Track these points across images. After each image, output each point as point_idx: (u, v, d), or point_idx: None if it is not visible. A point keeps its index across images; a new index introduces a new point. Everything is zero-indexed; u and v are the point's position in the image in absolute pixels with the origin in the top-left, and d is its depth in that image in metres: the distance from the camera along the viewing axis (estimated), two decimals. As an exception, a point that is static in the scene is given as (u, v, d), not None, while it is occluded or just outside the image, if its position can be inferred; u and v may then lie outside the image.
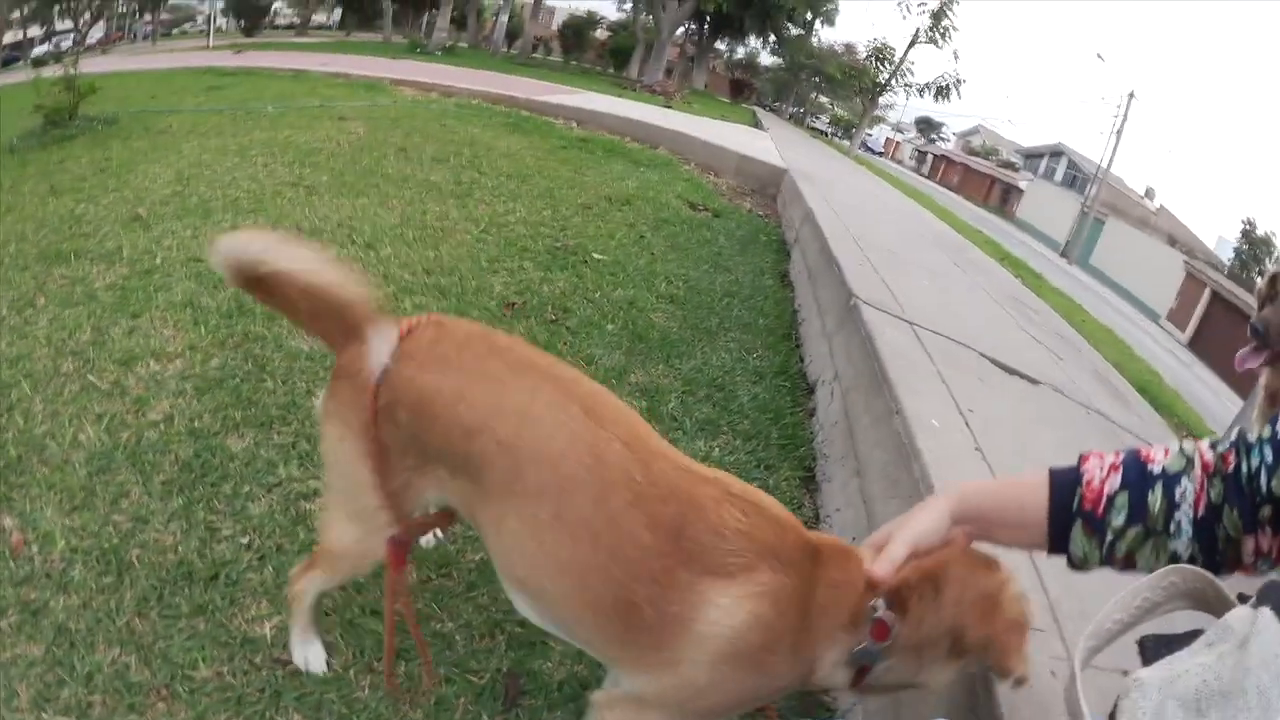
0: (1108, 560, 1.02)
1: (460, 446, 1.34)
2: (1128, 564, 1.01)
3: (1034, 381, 3.30)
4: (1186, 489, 0.96)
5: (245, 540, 2.02)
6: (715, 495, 1.25)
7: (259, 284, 1.43)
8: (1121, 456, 1.02)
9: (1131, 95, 34.59)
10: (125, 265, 3.52)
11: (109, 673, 1.64)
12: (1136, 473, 0.99)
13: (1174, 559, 0.97)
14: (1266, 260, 32.81)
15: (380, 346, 1.38)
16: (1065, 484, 1.02)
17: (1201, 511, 0.96)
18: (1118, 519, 0.98)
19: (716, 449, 2.80)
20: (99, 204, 4.42)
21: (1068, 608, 1.66)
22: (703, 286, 4.44)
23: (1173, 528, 0.96)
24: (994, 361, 3.32)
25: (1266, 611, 0.75)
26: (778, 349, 3.84)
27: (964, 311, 4.38)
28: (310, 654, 1.70)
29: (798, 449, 2.94)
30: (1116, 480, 1.00)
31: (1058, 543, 1.05)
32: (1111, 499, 0.99)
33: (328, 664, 1.72)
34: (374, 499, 1.42)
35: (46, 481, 2.15)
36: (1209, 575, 0.91)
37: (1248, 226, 34.94)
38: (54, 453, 2.26)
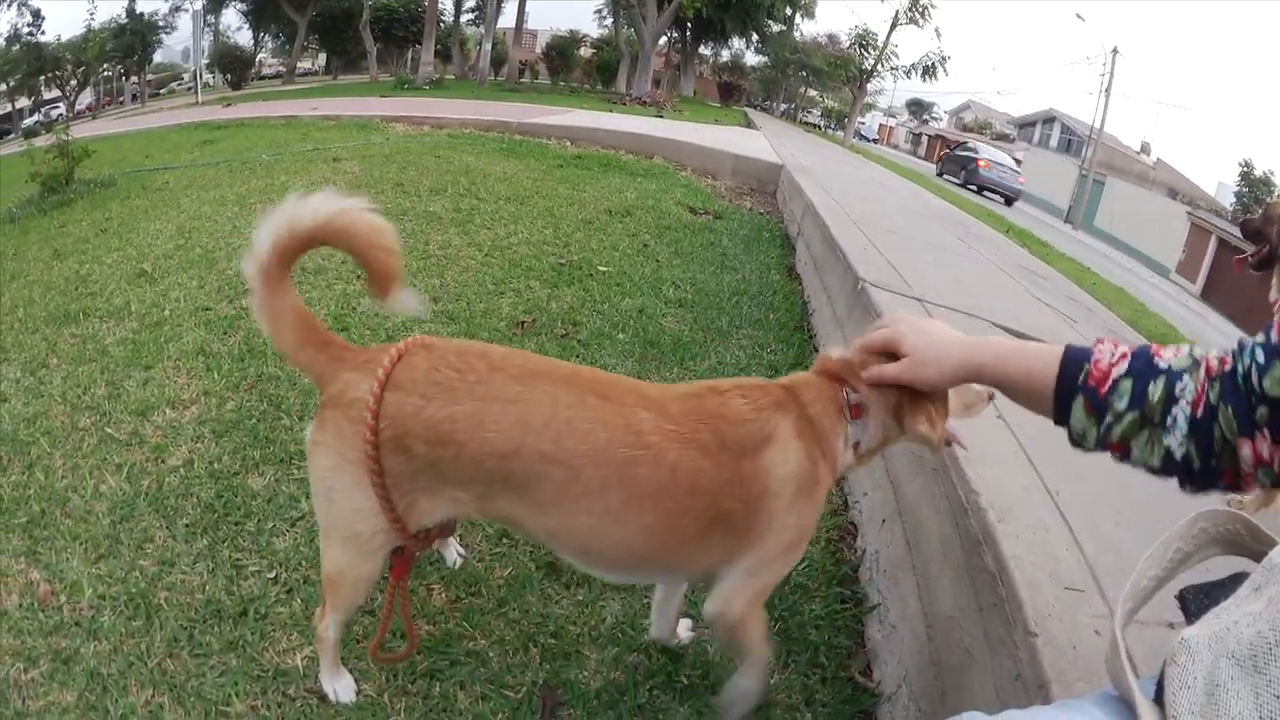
0: (1103, 441, 1.04)
1: (496, 468, 1.38)
2: (1122, 451, 1.02)
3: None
4: (1188, 386, 0.96)
5: (272, 575, 2.02)
6: (719, 401, 1.46)
7: (285, 267, 1.46)
8: (1132, 347, 1.04)
9: (1115, 52, 34.25)
10: (134, 320, 3.55)
11: (143, 714, 1.64)
12: (1143, 363, 1.01)
13: (1168, 456, 0.98)
14: (1269, 200, 32.45)
15: (370, 377, 1.39)
16: (1075, 360, 1.05)
17: (1200, 412, 0.95)
18: (1119, 403, 1.00)
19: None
20: (103, 263, 4.45)
21: (1106, 564, 1.63)
22: (710, 288, 4.43)
23: (1169, 421, 0.97)
24: (1007, 329, 3.29)
25: None
26: (791, 341, 3.83)
27: (972, 284, 4.35)
28: (339, 686, 1.71)
29: (819, 437, 2.91)
30: (1124, 367, 1.01)
31: (1062, 415, 1.07)
32: (1116, 382, 1.00)
33: (360, 691, 1.72)
34: (371, 524, 1.44)
35: (71, 533, 2.15)
36: (1240, 514, 0.88)
37: (1245, 168, 34.63)
38: (77, 505, 2.27)
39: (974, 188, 25.69)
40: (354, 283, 3.86)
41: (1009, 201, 25.86)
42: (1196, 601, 0.86)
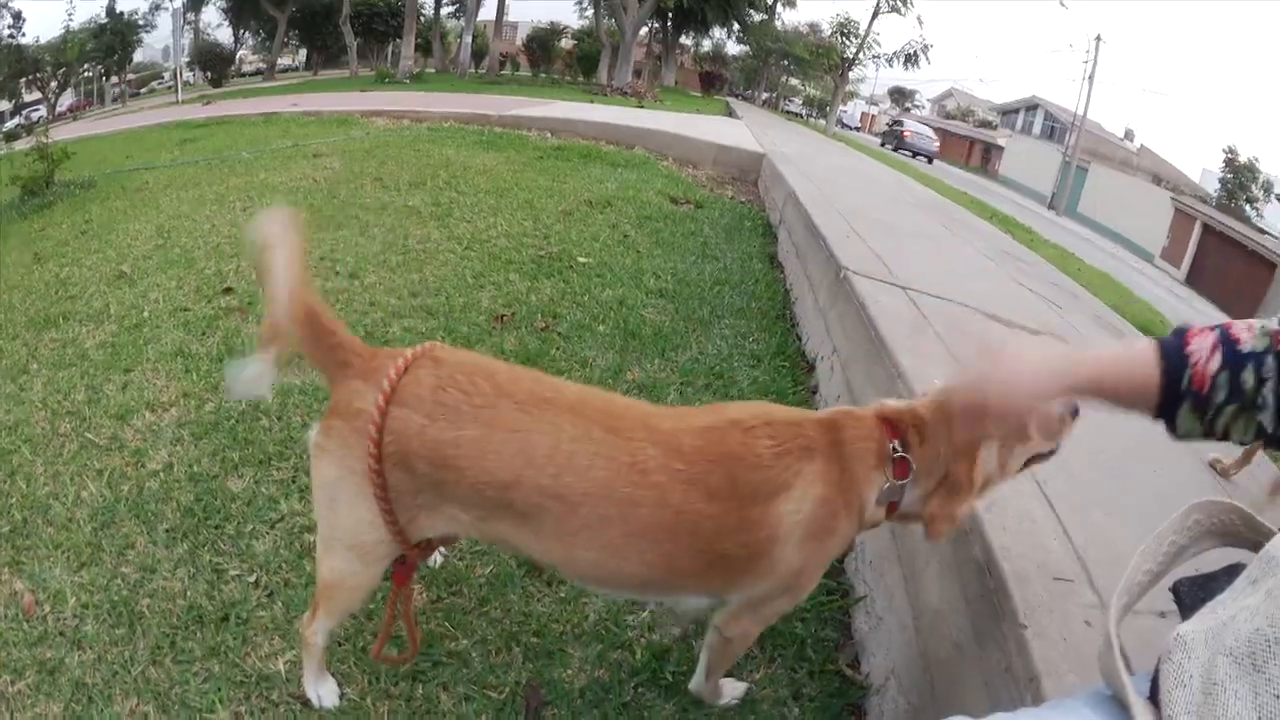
0: (1207, 433, 1.07)
1: (496, 496, 1.36)
2: (1224, 436, 1.06)
3: (1034, 332, 3.27)
4: (1270, 365, 0.99)
5: (252, 579, 2.01)
6: (740, 439, 1.40)
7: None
8: (1216, 335, 1.05)
9: (1099, 39, 34.34)
10: (114, 322, 3.51)
11: (127, 724, 1.62)
12: (1231, 353, 1.02)
13: (1260, 431, 1.01)
14: (1253, 186, 32.72)
15: (376, 388, 1.36)
16: (1175, 365, 1.06)
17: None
18: (1218, 396, 1.02)
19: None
20: (83, 266, 4.41)
21: (1096, 555, 1.63)
22: (691, 278, 4.41)
23: (1260, 401, 0.99)
24: (991, 316, 3.29)
25: None
26: (773, 330, 3.82)
27: (956, 271, 4.35)
28: (323, 691, 1.70)
29: (803, 427, 2.91)
30: (1217, 361, 1.03)
31: (1164, 414, 1.09)
32: (1214, 379, 1.02)
33: (343, 695, 1.71)
34: (375, 534, 1.43)
35: (53, 541, 2.13)
36: (1234, 505, 0.89)
37: (1229, 155, 34.82)
38: (58, 512, 2.25)
39: (906, 152, 31.85)
40: (331, 279, 3.85)
41: (930, 160, 32.44)
42: (1191, 594, 0.86)
